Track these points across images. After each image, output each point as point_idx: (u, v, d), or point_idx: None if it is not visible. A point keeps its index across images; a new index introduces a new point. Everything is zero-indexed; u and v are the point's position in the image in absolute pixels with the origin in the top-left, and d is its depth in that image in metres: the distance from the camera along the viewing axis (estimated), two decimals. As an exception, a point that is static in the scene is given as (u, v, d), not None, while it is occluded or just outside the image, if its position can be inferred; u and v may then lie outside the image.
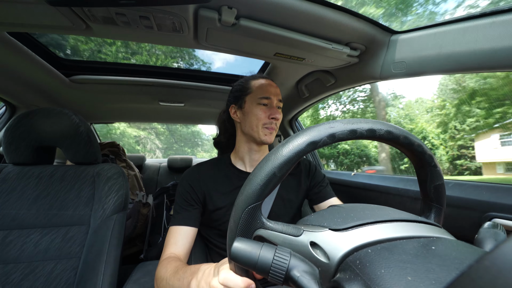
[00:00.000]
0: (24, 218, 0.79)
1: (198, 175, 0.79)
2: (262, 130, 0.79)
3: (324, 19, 0.70)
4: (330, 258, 0.28)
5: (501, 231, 0.34)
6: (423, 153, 0.36)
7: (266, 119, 0.79)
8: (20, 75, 1.01)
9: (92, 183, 0.86)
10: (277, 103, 0.82)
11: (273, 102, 0.81)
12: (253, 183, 0.32)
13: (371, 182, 1.10)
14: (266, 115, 0.79)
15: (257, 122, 0.78)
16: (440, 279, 0.21)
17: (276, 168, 0.31)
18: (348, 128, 0.32)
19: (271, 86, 0.83)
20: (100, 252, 0.77)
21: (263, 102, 0.80)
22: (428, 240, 0.28)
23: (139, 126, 17.77)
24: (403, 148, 0.36)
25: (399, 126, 0.35)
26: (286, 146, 0.31)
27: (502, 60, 0.58)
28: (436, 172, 0.38)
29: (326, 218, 0.33)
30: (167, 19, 0.66)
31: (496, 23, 0.58)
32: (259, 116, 0.78)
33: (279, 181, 0.32)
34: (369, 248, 0.27)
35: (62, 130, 0.84)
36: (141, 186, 1.88)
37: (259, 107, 0.79)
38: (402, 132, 0.35)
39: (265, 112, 0.79)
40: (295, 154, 0.31)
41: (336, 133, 0.31)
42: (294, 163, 0.31)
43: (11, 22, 0.68)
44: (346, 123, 0.32)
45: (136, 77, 1.21)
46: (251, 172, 0.33)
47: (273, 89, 0.82)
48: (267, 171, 0.31)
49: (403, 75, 0.80)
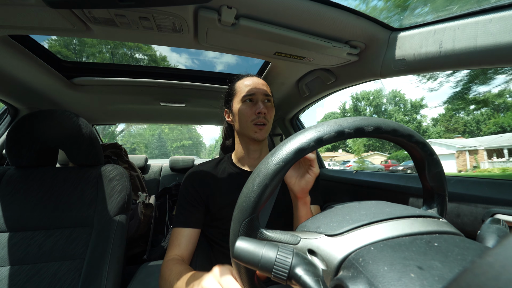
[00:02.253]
0: (28, 220, 0.79)
1: (200, 176, 0.80)
2: (252, 127, 0.79)
3: (324, 18, 0.70)
4: (328, 265, 0.28)
5: (504, 226, 0.34)
6: (417, 143, 0.36)
7: (252, 115, 0.79)
8: (22, 77, 1.01)
9: (95, 184, 0.87)
10: (262, 97, 0.82)
11: (257, 98, 0.81)
12: (247, 196, 0.32)
13: (372, 179, 1.10)
14: (252, 111, 0.79)
15: (245, 119, 0.79)
16: (443, 276, 0.21)
17: (267, 179, 0.31)
18: (336, 130, 0.32)
19: (254, 82, 0.83)
20: (104, 253, 0.78)
21: (247, 99, 0.81)
22: (430, 236, 0.28)
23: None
24: (395, 140, 0.36)
25: (387, 119, 0.35)
26: (275, 156, 0.32)
27: (502, 56, 0.58)
28: (433, 160, 0.38)
29: (322, 223, 0.33)
30: (167, 20, 0.66)
31: (496, 19, 0.57)
32: (245, 113, 0.79)
33: (273, 190, 0.32)
34: (371, 245, 0.27)
35: (64, 132, 0.85)
36: (144, 187, 1.89)
37: (245, 105, 0.81)
38: (391, 126, 0.35)
39: (251, 108, 0.80)
40: (284, 163, 0.31)
41: (323, 137, 0.32)
42: (285, 172, 0.32)
43: (12, 25, 0.69)
44: (333, 124, 0.32)
45: (137, 78, 1.21)
46: (244, 184, 0.34)
47: (257, 85, 0.82)
48: (258, 183, 0.31)
49: (403, 72, 0.80)
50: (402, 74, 0.82)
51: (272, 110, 0.84)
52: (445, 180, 0.40)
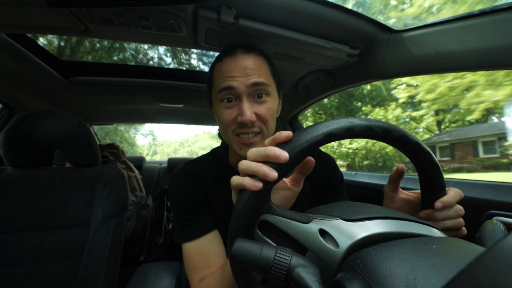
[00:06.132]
0: (24, 221, 0.78)
1: (196, 177, 0.64)
2: (235, 140, 0.56)
3: (324, 19, 0.70)
4: (339, 245, 0.28)
5: (502, 229, 0.34)
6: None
7: (234, 123, 0.55)
8: (19, 77, 1.00)
9: (92, 185, 0.86)
10: (251, 91, 0.53)
11: (240, 92, 0.53)
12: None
13: (372, 181, 1.10)
14: (232, 117, 0.54)
15: (225, 129, 0.57)
16: (441, 277, 0.21)
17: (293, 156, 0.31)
18: (366, 125, 0.32)
19: (236, 65, 0.54)
20: (101, 254, 0.77)
21: (223, 96, 0.55)
22: (428, 238, 0.28)
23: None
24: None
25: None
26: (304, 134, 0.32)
27: (502, 59, 0.58)
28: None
29: (336, 210, 0.34)
30: (165, 20, 0.66)
31: (496, 21, 0.58)
32: (224, 121, 0.55)
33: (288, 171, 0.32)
34: (370, 247, 0.27)
35: (61, 132, 0.84)
36: (141, 188, 1.88)
37: (222, 106, 0.56)
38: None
39: (231, 112, 0.54)
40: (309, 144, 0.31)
41: (354, 128, 0.32)
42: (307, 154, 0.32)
43: (9, 23, 0.68)
44: (365, 120, 0.33)
45: (135, 78, 1.21)
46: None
47: (241, 69, 0.53)
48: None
49: (403, 74, 0.80)
50: (402, 76, 0.82)
51: (270, 107, 0.57)
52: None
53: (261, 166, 0.32)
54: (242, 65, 0.54)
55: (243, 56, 0.56)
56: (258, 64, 0.57)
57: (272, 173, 0.31)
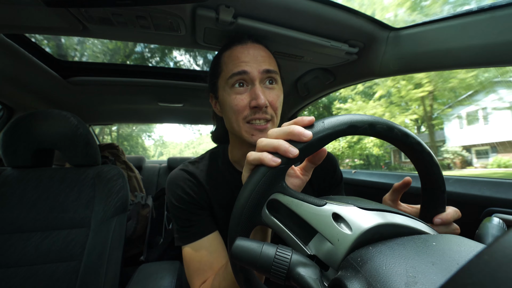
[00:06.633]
0: (24, 221, 0.78)
1: (195, 177, 0.63)
2: (245, 127, 0.55)
3: (323, 17, 0.70)
4: (353, 229, 0.28)
5: (502, 226, 0.34)
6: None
7: (246, 110, 0.54)
8: (17, 77, 1.00)
9: (92, 185, 0.86)
10: (262, 76, 0.55)
11: (253, 77, 0.54)
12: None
13: (371, 179, 1.10)
14: (245, 103, 0.54)
15: (235, 116, 0.55)
16: (440, 275, 0.21)
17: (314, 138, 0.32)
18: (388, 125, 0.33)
19: (247, 50, 0.56)
20: (101, 254, 0.77)
21: (235, 81, 0.54)
22: (428, 236, 0.28)
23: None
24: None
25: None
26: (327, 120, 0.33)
27: (501, 55, 0.58)
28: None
29: (350, 199, 0.34)
30: (164, 19, 0.66)
31: (494, 18, 0.58)
32: (235, 107, 0.54)
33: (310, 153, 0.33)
34: (370, 245, 0.27)
35: (60, 132, 0.84)
36: (141, 187, 1.88)
37: (233, 91, 0.55)
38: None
39: (243, 98, 0.54)
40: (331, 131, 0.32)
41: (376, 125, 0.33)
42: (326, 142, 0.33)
43: (8, 24, 0.68)
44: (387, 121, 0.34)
45: (134, 78, 1.21)
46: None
47: (253, 57, 0.55)
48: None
49: (402, 71, 0.80)
50: (401, 74, 0.82)
51: (279, 94, 0.58)
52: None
53: (282, 142, 0.32)
54: (254, 52, 0.57)
55: (253, 45, 0.59)
56: (268, 54, 0.60)
57: (293, 150, 0.31)
